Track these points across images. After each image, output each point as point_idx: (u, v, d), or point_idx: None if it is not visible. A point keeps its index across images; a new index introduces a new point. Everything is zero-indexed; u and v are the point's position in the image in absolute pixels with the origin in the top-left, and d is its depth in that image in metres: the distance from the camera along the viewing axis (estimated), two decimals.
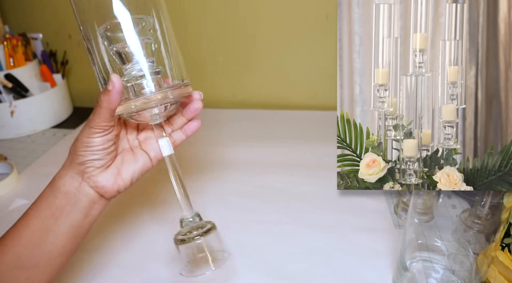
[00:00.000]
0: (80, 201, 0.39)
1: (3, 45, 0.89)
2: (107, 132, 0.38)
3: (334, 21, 0.88)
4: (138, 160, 0.42)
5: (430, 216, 0.44)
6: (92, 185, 0.39)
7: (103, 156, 0.39)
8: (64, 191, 0.39)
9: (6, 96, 0.88)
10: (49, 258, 0.38)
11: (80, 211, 0.39)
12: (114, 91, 0.36)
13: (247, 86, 1.01)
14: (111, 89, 0.36)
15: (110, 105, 0.37)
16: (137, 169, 0.42)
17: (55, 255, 0.38)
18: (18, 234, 0.38)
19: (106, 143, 0.39)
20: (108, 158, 0.40)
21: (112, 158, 0.40)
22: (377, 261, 0.50)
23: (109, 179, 0.40)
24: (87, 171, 0.39)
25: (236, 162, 0.73)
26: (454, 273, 0.43)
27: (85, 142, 0.38)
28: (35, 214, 0.38)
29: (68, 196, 0.39)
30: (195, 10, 0.94)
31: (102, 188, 0.40)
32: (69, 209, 0.38)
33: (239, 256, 0.51)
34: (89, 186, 0.39)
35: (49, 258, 0.38)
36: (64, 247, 0.39)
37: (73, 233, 0.39)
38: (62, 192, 0.39)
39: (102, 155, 0.39)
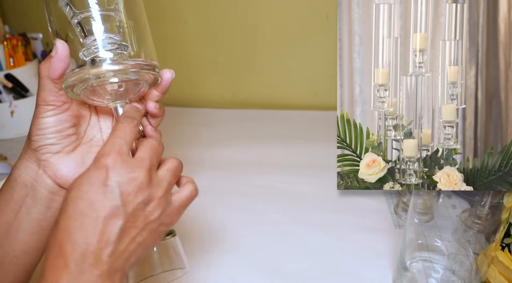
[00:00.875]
0: (39, 193, 0.35)
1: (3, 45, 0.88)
2: (59, 111, 0.34)
3: (334, 21, 0.88)
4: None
5: (430, 216, 0.44)
6: (50, 174, 0.35)
7: (58, 140, 0.34)
8: (21, 182, 0.34)
9: (6, 96, 0.88)
10: (12, 256, 0.35)
11: (41, 204, 0.35)
12: (56, 57, 0.32)
13: (247, 86, 1.01)
14: (53, 55, 0.32)
15: (51, 74, 0.32)
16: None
17: (20, 253, 0.35)
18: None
19: (60, 123, 0.34)
20: (65, 142, 0.35)
21: (71, 143, 0.35)
22: (377, 261, 0.50)
23: (71, 168, 0.35)
24: (43, 157, 0.34)
25: (236, 162, 0.73)
26: (454, 273, 0.43)
27: (36, 123, 0.34)
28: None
29: (26, 188, 0.35)
30: (195, 10, 0.94)
31: (62, 177, 0.35)
32: (28, 202, 0.35)
33: (239, 256, 0.51)
34: (47, 175, 0.35)
35: (13, 256, 0.35)
36: (27, 244, 0.35)
37: (35, 228, 0.35)
38: (19, 183, 0.35)
39: (58, 139, 0.34)
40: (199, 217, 0.59)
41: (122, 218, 0.28)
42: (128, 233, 0.29)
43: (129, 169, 0.29)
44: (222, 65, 0.99)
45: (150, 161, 0.31)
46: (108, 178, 0.28)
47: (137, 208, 0.29)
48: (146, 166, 0.30)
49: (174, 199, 0.33)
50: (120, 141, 0.30)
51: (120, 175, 0.29)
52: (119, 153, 0.29)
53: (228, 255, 0.50)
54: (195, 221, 0.55)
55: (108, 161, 0.29)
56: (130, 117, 0.32)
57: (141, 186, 0.29)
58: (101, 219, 0.28)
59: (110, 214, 0.28)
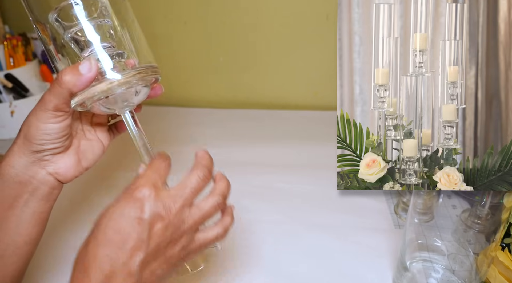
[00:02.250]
0: (39, 189, 0.37)
1: (3, 45, 0.89)
2: (66, 117, 0.35)
3: (334, 21, 0.88)
4: (93, 145, 0.41)
5: (430, 216, 0.44)
6: (51, 172, 0.37)
7: (62, 143, 0.36)
8: (18, 181, 0.36)
9: (6, 96, 0.88)
10: (15, 247, 0.37)
11: (41, 198, 0.37)
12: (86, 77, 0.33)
13: (247, 86, 1.01)
14: (84, 73, 0.33)
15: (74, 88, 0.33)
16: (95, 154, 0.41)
17: (21, 243, 0.37)
18: None
19: (65, 128, 0.36)
20: (64, 143, 0.37)
21: (68, 142, 0.38)
22: (377, 261, 0.50)
23: (67, 163, 0.38)
24: (45, 158, 0.37)
25: (236, 162, 0.73)
26: (454, 273, 0.43)
27: (42, 128, 0.34)
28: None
29: (24, 185, 0.36)
30: (195, 10, 0.94)
31: (61, 173, 0.38)
32: (27, 197, 0.37)
33: (239, 256, 0.51)
34: (48, 172, 0.37)
35: (15, 247, 0.37)
36: (29, 235, 0.38)
37: (36, 220, 0.38)
38: (16, 181, 0.36)
39: (61, 142, 0.36)
40: None
41: (144, 252, 0.29)
42: (148, 266, 0.30)
43: (161, 204, 0.30)
44: (222, 65, 0.99)
45: (184, 199, 0.32)
46: (141, 211, 0.29)
47: (160, 245, 0.30)
48: (179, 203, 0.31)
49: (198, 237, 0.34)
50: (155, 176, 0.31)
51: (152, 210, 0.30)
52: (154, 187, 0.31)
53: (228, 255, 0.50)
54: None
55: (142, 194, 0.30)
56: (165, 156, 0.34)
57: (169, 223, 0.30)
58: (127, 249, 0.29)
59: (135, 246, 0.29)
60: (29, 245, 0.38)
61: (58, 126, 0.35)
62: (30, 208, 0.37)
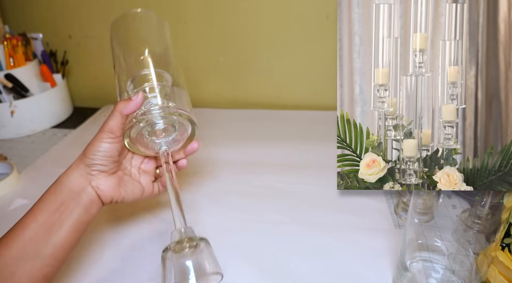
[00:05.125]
0: (83, 199, 0.43)
1: (3, 45, 0.89)
2: (116, 140, 0.43)
3: (334, 21, 0.88)
4: (134, 184, 0.48)
5: (430, 216, 0.44)
6: (93, 185, 0.44)
7: (108, 163, 0.44)
8: (69, 188, 0.43)
9: (6, 96, 0.88)
10: (53, 250, 0.40)
11: (82, 208, 0.43)
12: (135, 101, 0.43)
13: (247, 86, 1.01)
14: (133, 99, 0.43)
15: (124, 110, 0.43)
16: (134, 193, 0.48)
17: (59, 247, 0.41)
18: (24, 226, 0.40)
19: (112, 151, 0.44)
20: (110, 166, 0.45)
21: (115, 167, 0.45)
22: (377, 261, 0.50)
23: (109, 185, 0.45)
24: (92, 173, 0.44)
25: (236, 162, 0.73)
26: (454, 273, 0.43)
27: (96, 145, 0.43)
28: (41, 208, 0.41)
29: (73, 193, 0.42)
30: (195, 10, 0.94)
31: (101, 191, 0.44)
32: (73, 205, 0.42)
33: (239, 256, 0.51)
34: (91, 186, 0.44)
35: (53, 250, 0.40)
36: (67, 240, 0.41)
37: (75, 227, 0.42)
38: (67, 188, 0.42)
39: (108, 162, 0.44)
40: (199, 217, 0.59)
41: None
42: None
43: None
44: (223, 65, 0.99)
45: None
46: None
47: None
48: None
49: None
50: None
51: None
52: None
53: (228, 255, 0.50)
54: (195, 221, 0.55)
55: None
56: None
57: None
58: None
59: None
60: (65, 250, 0.42)
61: (108, 146, 0.43)
62: (73, 215, 0.42)
